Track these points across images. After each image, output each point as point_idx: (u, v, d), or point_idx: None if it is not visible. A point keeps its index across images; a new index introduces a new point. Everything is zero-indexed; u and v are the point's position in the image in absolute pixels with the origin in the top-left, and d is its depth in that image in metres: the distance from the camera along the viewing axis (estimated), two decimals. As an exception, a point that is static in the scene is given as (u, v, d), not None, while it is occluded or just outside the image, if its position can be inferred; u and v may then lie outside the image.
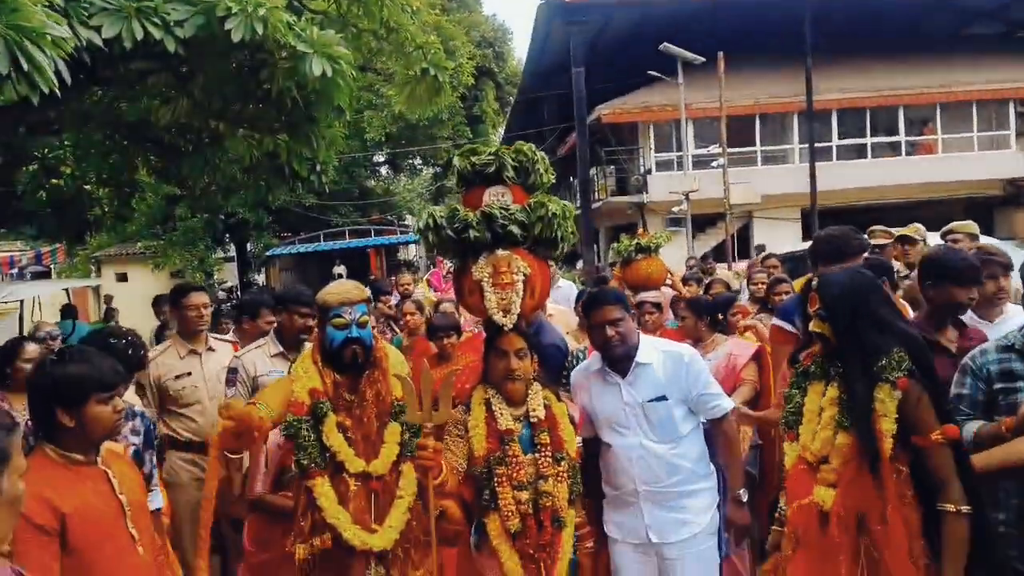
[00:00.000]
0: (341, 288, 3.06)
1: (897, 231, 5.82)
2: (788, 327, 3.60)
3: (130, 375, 3.14)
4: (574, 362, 3.77)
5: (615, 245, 5.64)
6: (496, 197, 2.96)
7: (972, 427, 2.69)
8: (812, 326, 2.56)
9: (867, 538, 2.37)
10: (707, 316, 4.60)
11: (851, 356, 2.47)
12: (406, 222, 28.00)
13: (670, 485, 3.00)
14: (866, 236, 4.35)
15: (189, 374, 4.32)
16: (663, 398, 3.01)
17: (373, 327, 3.14)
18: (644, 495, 3.01)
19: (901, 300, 4.31)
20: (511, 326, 2.91)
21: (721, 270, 9.44)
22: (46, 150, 7.72)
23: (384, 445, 2.95)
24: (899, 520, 2.33)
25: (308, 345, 3.77)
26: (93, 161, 7.19)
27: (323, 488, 2.84)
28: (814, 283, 2.61)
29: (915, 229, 5.56)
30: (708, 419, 3.13)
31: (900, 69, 21.95)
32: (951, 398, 2.78)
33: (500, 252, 2.91)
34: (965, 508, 2.33)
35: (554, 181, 3.15)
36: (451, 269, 8.02)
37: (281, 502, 3.32)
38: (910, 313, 4.08)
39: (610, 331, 3.00)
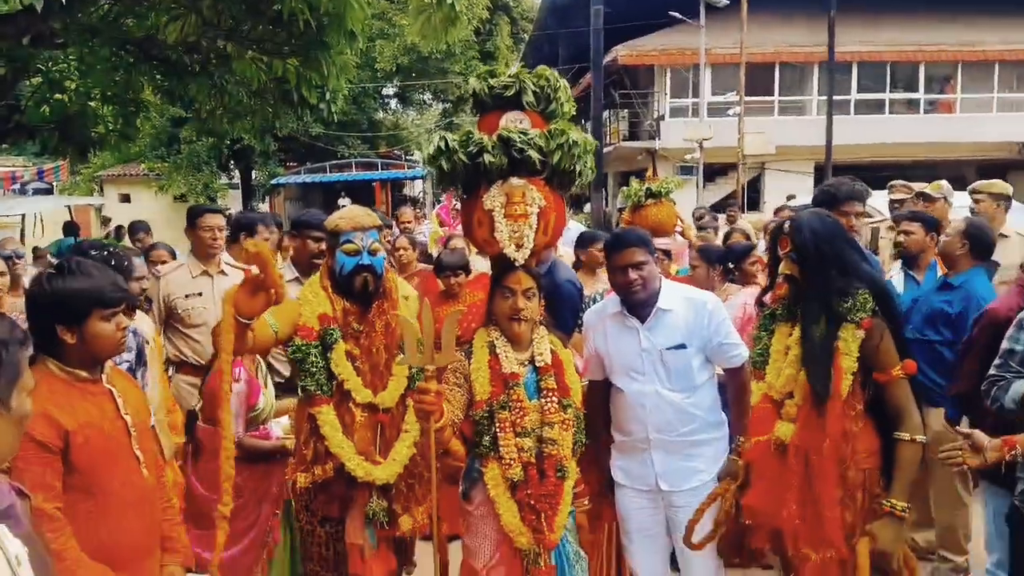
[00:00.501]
0: (353, 213, 2.94)
1: (917, 186, 5.72)
2: None
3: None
4: (590, 303, 3.67)
5: (624, 189, 5.46)
6: (514, 122, 2.76)
7: (1021, 386, 2.64)
8: (782, 268, 2.69)
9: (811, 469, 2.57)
10: (719, 265, 4.49)
11: (815, 297, 2.60)
12: (413, 157, 27.67)
13: (683, 434, 2.92)
14: (868, 189, 4.29)
15: (200, 294, 4.26)
16: (683, 346, 2.89)
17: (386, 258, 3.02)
18: (656, 443, 2.94)
19: (937, 256, 4.23)
20: (522, 262, 2.73)
21: (743, 220, 9.27)
22: (50, 63, 7.54)
23: (392, 378, 2.87)
24: (833, 455, 2.52)
25: None
26: (98, 77, 7.03)
27: (328, 416, 2.77)
28: (785, 226, 2.71)
29: (937, 187, 5.46)
30: (726, 368, 3.03)
31: (923, 24, 21.43)
32: (1001, 352, 2.76)
33: (515, 180, 2.70)
34: (919, 437, 2.56)
35: (575, 112, 2.94)
36: (457, 204, 7.89)
37: (261, 444, 3.23)
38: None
39: (633, 274, 2.84)
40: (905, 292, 4.24)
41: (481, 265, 4.84)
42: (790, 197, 13.25)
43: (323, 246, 3.78)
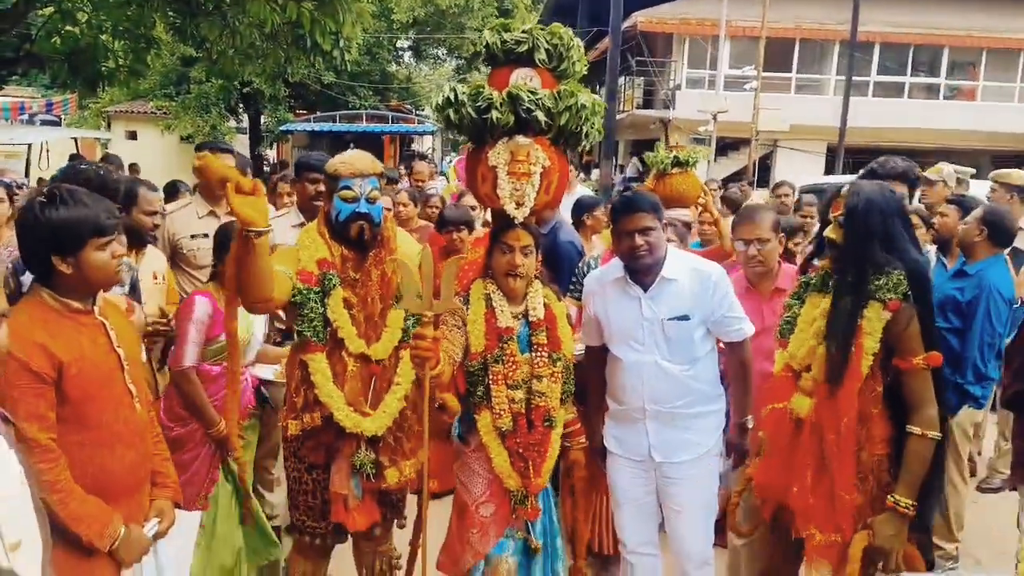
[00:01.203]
0: (353, 158, 2.84)
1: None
2: None
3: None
4: (585, 269, 3.59)
5: (648, 155, 5.34)
6: (524, 80, 2.72)
7: None
8: (828, 231, 2.59)
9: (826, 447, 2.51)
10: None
11: (851, 266, 2.50)
12: (424, 112, 27.39)
13: (680, 406, 2.90)
14: (918, 174, 4.25)
15: (205, 235, 4.13)
16: (685, 317, 2.85)
17: (385, 208, 2.96)
18: (651, 414, 2.92)
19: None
20: (521, 219, 2.74)
21: (755, 196, 9.18)
22: (62, -7, 7.43)
23: (386, 329, 2.83)
24: (851, 435, 2.45)
25: None
26: (110, 10, 6.93)
27: (319, 364, 2.73)
28: (844, 189, 2.61)
29: (937, 170, 5.42)
30: (727, 342, 2.99)
31: (950, 7, 21.05)
32: None
33: (520, 139, 2.69)
34: (931, 434, 2.43)
35: (587, 72, 2.89)
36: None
37: (202, 394, 3.05)
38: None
39: (639, 240, 2.79)
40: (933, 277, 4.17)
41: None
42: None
43: (321, 187, 3.65)
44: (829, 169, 19.46)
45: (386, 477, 2.82)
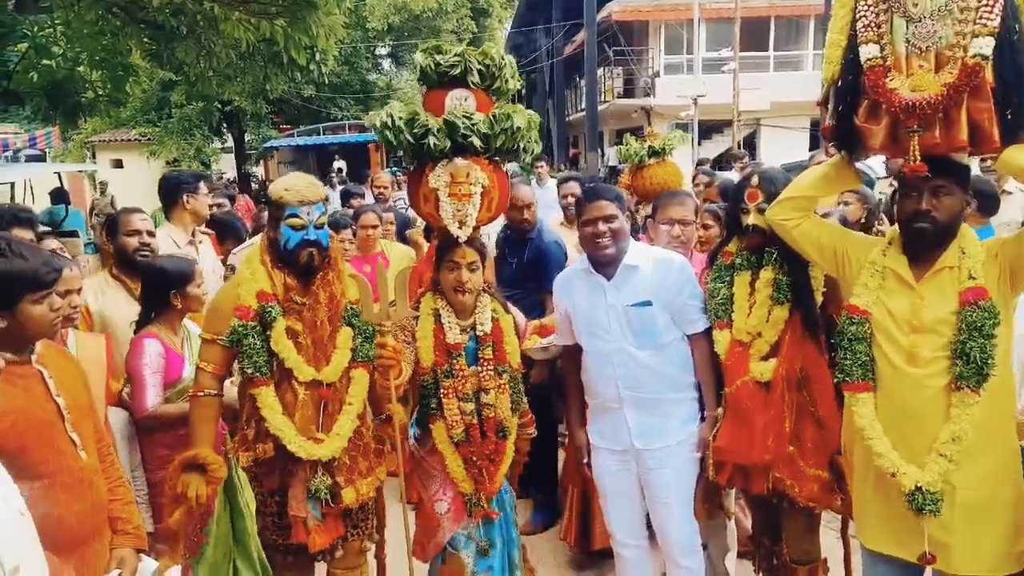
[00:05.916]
0: (298, 185, 2.78)
1: None
2: None
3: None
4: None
5: (621, 148, 5.21)
6: (458, 101, 2.80)
7: None
8: (751, 219, 2.75)
9: (805, 395, 2.71)
10: None
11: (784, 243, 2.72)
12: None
13: (653, 392, 2.95)
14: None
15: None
16: (647, 303, 2.90)
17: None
18: (628, 401, 2.96)
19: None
20: (465, 239, 2.83)
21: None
22: (36, 28, 7.46)
23: (336, 351, 2.78)
24: (828, 376, 2.67)
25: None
26: (85, 41, 6.97)
27: (267, 398, 2.69)
28: (753, 180, 2.79)
29: None
30: (688, 333, 2.99)
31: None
32: None
33: (459, 161, 2.78)
34: None
35: (520, 88, 2.98)
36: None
37: (175, 410, 3.10)
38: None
39: (602, 227, 2.86)
40: None
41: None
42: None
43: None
44: (814, 144, 19.52)
45: (343, 497, 2.77)
